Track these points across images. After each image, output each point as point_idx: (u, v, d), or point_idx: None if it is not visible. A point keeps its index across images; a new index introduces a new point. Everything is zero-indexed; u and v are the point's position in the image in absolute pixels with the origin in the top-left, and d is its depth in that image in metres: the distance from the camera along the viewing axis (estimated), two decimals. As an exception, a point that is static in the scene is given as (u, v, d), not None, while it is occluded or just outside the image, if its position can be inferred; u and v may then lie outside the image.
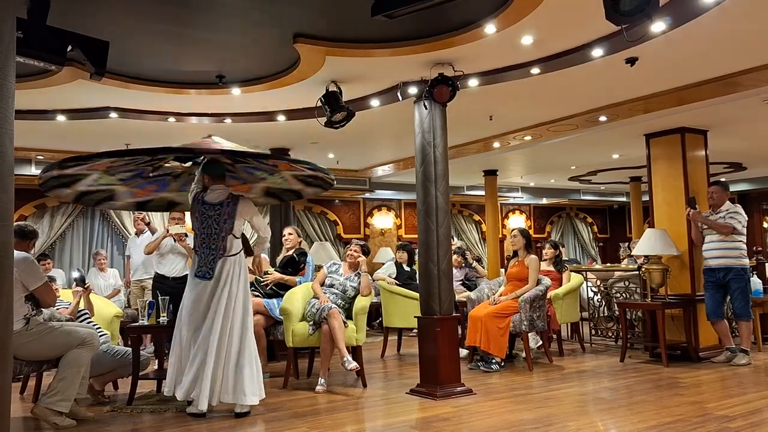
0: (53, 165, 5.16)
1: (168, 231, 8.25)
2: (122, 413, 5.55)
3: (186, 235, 8.43)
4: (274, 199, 6.99)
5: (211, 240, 5.52)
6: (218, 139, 5.71)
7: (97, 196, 6.22)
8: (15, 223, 5.28)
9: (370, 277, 7.02)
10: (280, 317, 6.72)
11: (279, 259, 7.94)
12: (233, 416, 5.30)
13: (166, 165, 5.88)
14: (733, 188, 13.56)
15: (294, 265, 7.63)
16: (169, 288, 7.98)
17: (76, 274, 6.35)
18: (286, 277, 7.35)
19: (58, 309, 5.96)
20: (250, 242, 6.06)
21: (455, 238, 14.96)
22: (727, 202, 7.59)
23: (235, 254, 5.56)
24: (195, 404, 5.29)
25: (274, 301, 7.06)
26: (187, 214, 7.95)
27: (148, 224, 9.27)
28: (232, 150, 5.40)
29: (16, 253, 4.42)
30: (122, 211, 12.11)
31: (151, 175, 5.92)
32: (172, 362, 5.47)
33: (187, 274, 8.12)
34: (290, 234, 7.84)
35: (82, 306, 6.21)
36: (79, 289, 6.16)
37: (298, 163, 5.59)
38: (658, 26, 4.79)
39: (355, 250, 7.06)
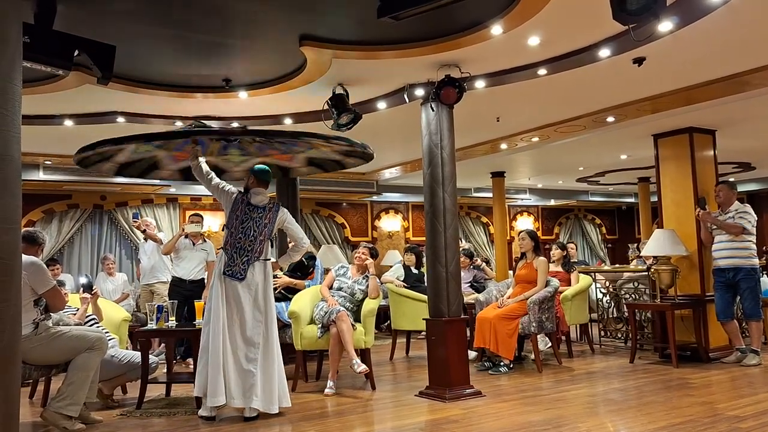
0: (88, 146, 5.41)
1: (183, 230, 8.29)
2: (131, 417, 5.55)
3: (202, 237, 8.46)
4: (318, 169, 7.08)
5: (248, 242, 5.54)
6: None
7: (140, 166, 6.35)
8: (23, 229, 5.32)
9: (377, 280, 7.01)
10: (289, 320, 6.72)
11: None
12: (242, 419, 5.31)
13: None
14: (742, 188, 13.52)
15: (302, 269, 7.63)
16: (186, 291, 8.01)
17: (83, 280, 6.36)
18: (295, 281, 7.37)
19: (66, 314, 5.98)
20: (289, 249, 6.09)
21: (462, 240, 14.93)
22: (736, 201, 7.56)
23: (268, 259, 5.66)
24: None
25: (283, 304, 7.07)
26: (206, 215, 8.09)
27: (144, 232, 9.28)
28: (270, 131, 5.62)
29: (24, 257, 4.42)
30: (130, 217, 12.13)
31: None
32: (209, 370, 5.31)
33: (203, 278, 8.24)
34: None
35: (89, 311, 6.22)
36: (87, 295, 6.17)
37: (334, 141, 5.67)
38: (665, 26, 4.76)
39: (363, 253, 7.07)
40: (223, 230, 5.73)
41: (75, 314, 6.09)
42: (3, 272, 2.60)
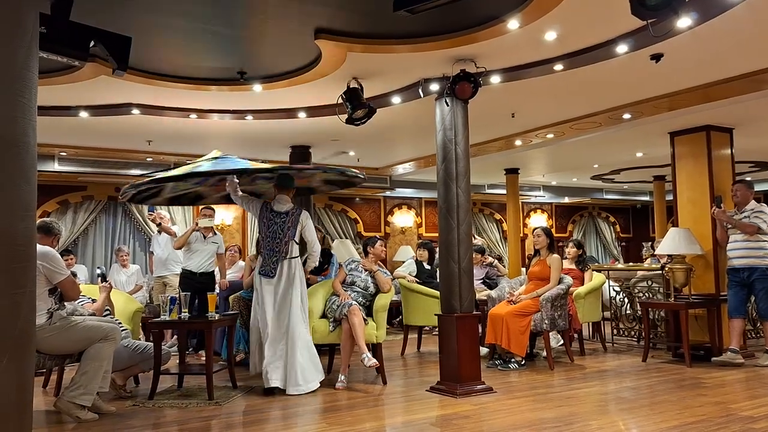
0: (130, 187, 6.44)
1: (197, 224, 8.27)
2: (144, 408, 5.58)
3: (212, 230, 8.46)
4: (334, 186, 7.90)
5: (275, 243, 6.33)
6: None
7: (188, 197, 7.49)
8: (40, 219, 5.35)
9: (387, 274, 7.03)
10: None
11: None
12: (257, 409, 5.32)
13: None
14: (758, 188, 13.37)
15: (317, 265, 7.65)
16: (197, 284, 8.02)
17: (97, 272, 6.42)
18: (308, 276, 7.38)
19: (82, 304, 6.01)
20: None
21: (475, 236, 14.88)
22: (753, 201, 7.48)
23: (295, 257, 6.37)
24: (274, 383, 6.05)
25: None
26: (218, 209, 8.38)
27: (159, 225, 9.31)
28: (290, 167, 6.52)
29: (39, 247, 4.44)
30: (144, 210, 12.20)
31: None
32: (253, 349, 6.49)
33: (213, 271, 8.32)
34: None
35: (103, 302, 6.25)
36: (107, 284, 6.23)
37: (327, 171, 6.85)
38: (684, 21, 4.71)
39: (382, 245, 7.15)
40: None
41: (92, 304, 6.12)
42: (19, 259, 2.60)
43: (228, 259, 9.58)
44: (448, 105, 6.11)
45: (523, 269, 10.55)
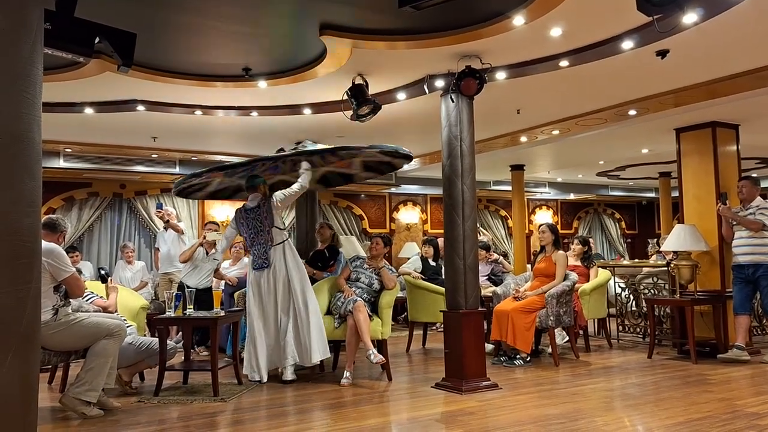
0: (181, 181, 7.01)
1: (205, 237, 8.19)
2: (149, 404, 5.59)
3: (214, 246, 8.40)
4: (372, 173, 7.79)
5: (259, 236, 6.57)
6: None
7: (228, 191, 7.82)
8: (45, 216, 5.36)
9: (392, 270, 7.02)
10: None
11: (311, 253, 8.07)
12: (262, 405, 5.31)
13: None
14: (765, 184, 13.35)
15: (323, 260, 7.64)
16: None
17: (102, 272, 6.43)
18: (314, 271, 7.41)
19: (90, 301, 6.02)
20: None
21: (484, 231, 14.83)
22: (759, 197, 7.46)
23: (282, 242, 6.56)
24: (284, 373, 6.39)
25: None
26: (224, 206, 8.43)
27: (166, 222, 9.30)
28: (324, 149, 6.70)
29: (44, 244, 4.44)
30: (148, 205, 12.23)
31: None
32: (251, 350, 6.49)
33: (211, 287, 8.28)
34: (321, 228, 8.04)
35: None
36: (116, 284, 6.25)
37: (375, 150, 6.66)
38: (690, 17, 4.67)
39: (377, 243, 7.11)
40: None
41: (102, 301, 6.13)
42: (24, 254, 2.60)
43: (233, 256, 9.59)
44: (453, 101, 6.10)
45: (529, 266, 10.54)
